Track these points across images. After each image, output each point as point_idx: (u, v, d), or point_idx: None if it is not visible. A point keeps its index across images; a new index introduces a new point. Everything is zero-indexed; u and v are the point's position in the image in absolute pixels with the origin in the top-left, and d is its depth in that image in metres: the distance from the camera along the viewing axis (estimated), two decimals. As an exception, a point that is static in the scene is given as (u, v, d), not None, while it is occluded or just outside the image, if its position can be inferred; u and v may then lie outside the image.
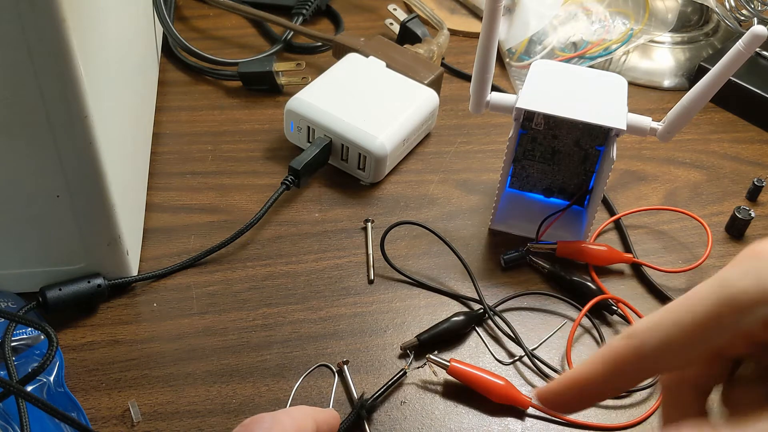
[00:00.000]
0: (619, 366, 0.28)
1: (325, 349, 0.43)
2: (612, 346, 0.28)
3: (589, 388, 0.29)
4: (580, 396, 0.30)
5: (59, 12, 0.31)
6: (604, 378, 0.29)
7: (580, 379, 0.29)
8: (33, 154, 0.37)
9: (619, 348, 0.28)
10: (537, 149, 0.49)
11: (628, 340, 0.28)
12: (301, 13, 0.67)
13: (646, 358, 0.28)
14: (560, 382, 0.30)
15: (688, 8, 0.67)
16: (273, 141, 0.56)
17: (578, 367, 0.30)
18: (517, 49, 0.65)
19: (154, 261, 0.47)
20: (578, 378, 0.30)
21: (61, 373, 0.40)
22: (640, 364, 0.28)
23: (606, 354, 0.29)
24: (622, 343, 0.28)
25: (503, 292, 0.47)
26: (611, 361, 0.29)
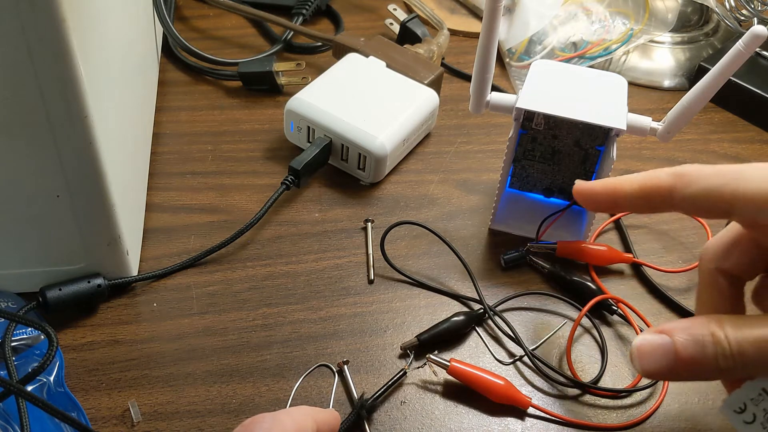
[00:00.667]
0: (652, 194, 0.33)
1: (325, 349, 0.43)
2: (657, 175, 0.33)
3: (620, 200, 0.34)
4: (610, 201, 0.35)
5: (59, 12, 0.31)
6: (635, 197, 0.33)
7: (616, 189, 0.34)
8: (33, 154, 0.37)
9: (661, 181, 0.33)
10: (537, 149, 0.49)
11: (672, 177, 0.32)
12: (301, 13, 0.67)
13: (677, 199, 0.32)
14: (600, 185, 0.35)
15: (688, 8, 0.67)
16: (273, 141, 0.56)
17: (620, 179, 0.34)
18: (517, 49, 0.65)
19: (154, 261, 0.47)
20: (616, 187, 0.34)
21: (61, 373, 0.40)
22: (670, 200, 0.32)
23: (647, 179, 0.33)
24: (664, 178, 0.33)
25: (503, 292, 0.47)
26: (648, 187, 0.33)
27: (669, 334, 0.30)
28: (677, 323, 0.31)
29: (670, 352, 0.30)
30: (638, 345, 0.31)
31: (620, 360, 0.44)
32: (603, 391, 0.42)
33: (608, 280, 0.48)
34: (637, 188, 0.34)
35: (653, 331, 0.31)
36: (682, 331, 0.30)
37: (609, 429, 0.41)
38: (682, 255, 0.50)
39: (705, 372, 0.30)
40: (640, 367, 0.31)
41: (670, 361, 0.30)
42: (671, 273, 0.48)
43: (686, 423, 0.41)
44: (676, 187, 0.32)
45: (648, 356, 0.31)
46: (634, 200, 0.34)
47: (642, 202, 0.34)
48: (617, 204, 0.35)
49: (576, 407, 0.42)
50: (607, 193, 0.35)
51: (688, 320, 0.31)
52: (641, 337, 0.31)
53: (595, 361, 0.44)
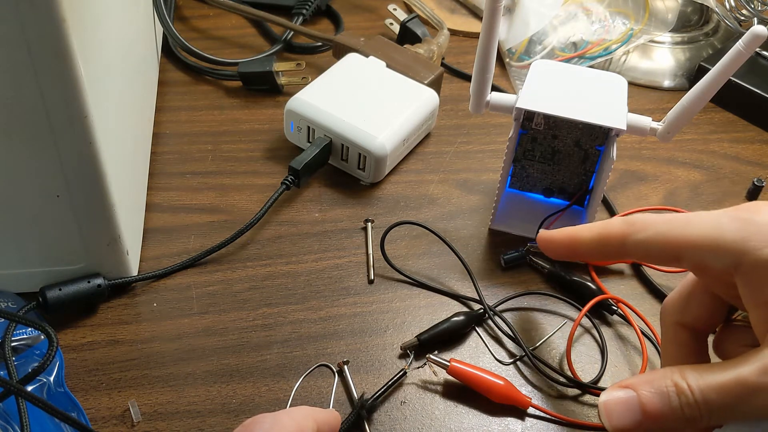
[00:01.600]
0: (606, 242, 0.34)
1: (325, 349, 0.43)
2: (609, 224, 0.35)
3: (578, 248, 0.36)
4: (569, 250, 0.37)
5: (59, 12, 0.31)
6: (591, 245, 0.35)
7: (574, 238, 0.36)
8: (33, 154, 0.37)
9: (612, 229, 0.34)
10: (537, 149, 0.49)
11: (622, 226, 0.34)
12: (301, 13, 0.67)
13: (628, 246, 0.33)
14: (560, 234, 0.37)
15: (688, 8, 0.67)
16: (273, 141, 0.56)
17: (577, 228, 0.36)
18: (517, 49, 0.65)
19: (154, 261, 0.47)
20: (573, 237, 0.36)
21: (61, 373, 0.40)
22: (623, 248, 0.34)
23: (601, 229, 0.35)
24: (616, 227, 0.34)
25: (503, 292, 0.47)
26: (601, 236, 0.35)
27: (633, 388, 0.31)
28: (640, 377, 0.31)
29: (635, 407, 0.30)
30: (604, 402, 0.31)
31: (620, 360, 0.44)
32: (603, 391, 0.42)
33: (608, 280, 0.48)
34: (593, 236, 0.35)
35: (617, 387, 0.31)
36: (646, 384, 0.30)
37: (609, 429, 0.41)
38: (682, 255, 0.50)
39: (673, 423, 0.30)
40: (608, 425, 0.31)
41: (637, 415, 0.30)
42: (671, 273, 0.48)
43: (686, 423, 0.41)
44: (627, 234, 0.33)
45: (615, 413, 0.31)
46: (591, 248, 0.35)
47: (598, 249, 0.35)
48: (576, 252, 0.36)
49: (576, 407, 0.42)
50: (567, 241, 0.37)
51: (650, 373, 0.31)
52: (606, 394, 0.31)
53: (595, 361, 0.44)
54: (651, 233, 0.33)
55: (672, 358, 0.36)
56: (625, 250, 0.34)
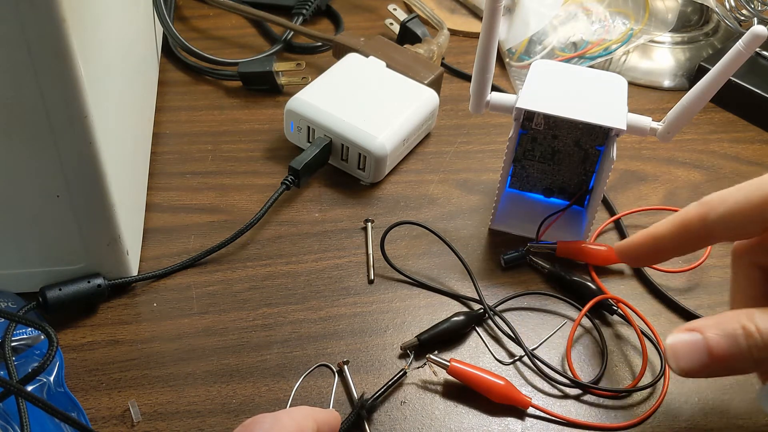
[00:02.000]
0: (687, 228, 0.33)
1: (325, 349, 0.43)
2: (685, 210, 0.34)
3: (661, 245, 0.35)
4: (653, 251, 0.35)
5: (59, 12, 0.31)
6: (673, 237, 0.34)
7: (655, 236, 0.35)
8: (33, 154, 0.37)
9: (689, 213, 0.34)
10: (537, 149, 0.49)
11: (699, 207, 0.34)
12: (301, 13, 0.67)
13: (710, 225, 0.32)
14: (638, 238, 0.36)
15: (688, 8, 0.67)
16: (273, 141, 0.56)
17: (654, 226, 0.35)
18: (517, 49, 0.65)
19: (154, 261, 0.47)
20: (653, 235, 0.35)
21: (61, 373, 0.40)
22: (705, 229, 0.33)
23: (678, 217, 0.34)
24: (692, 210, 0.34)
25: (503, 292, 0.47)
26: (681, 223, 0.34)
27: (700, 330, 0.30)
28: (706, 320, 0.31)
29: (702, 349, 0.30)
30: (671, 344, 0.31)
31: (620, 360, 0.44)
32: (603, 391, 0.42)
33: (608, 280, 0.48)
34: (673, 228, 0.34)
35: (683, 329, 0.31)
36: (713, 327, 0.30)
37: (609, 429, 0.41)
38: (682, 255, 0.50)
39: (740, 365, 0.30)
40: (677, 367, 0.31)
41: (705, 357, 0.30)
42: (671, 273, 0.48)
43: (686, 423, 0.41)
44: (706, 214, 0.32)
45: (683, 355, 0.31)
46: (675, 241, 0.34)
47: (681, 240, 0.34)
48: (660, 250, 0.35)
49: (576, 407, 0.42)
50: (649, 242, 0.35)
51: (717, 316, 0.31)
52: (673, 337, 0.31)
53: (595, 361, 0.44)
54: (729, 205, 0.32)
55: (742, 298, 0.36)
56: (708, 231, 0.33)
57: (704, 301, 0.47)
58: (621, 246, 0.37)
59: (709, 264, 0.49)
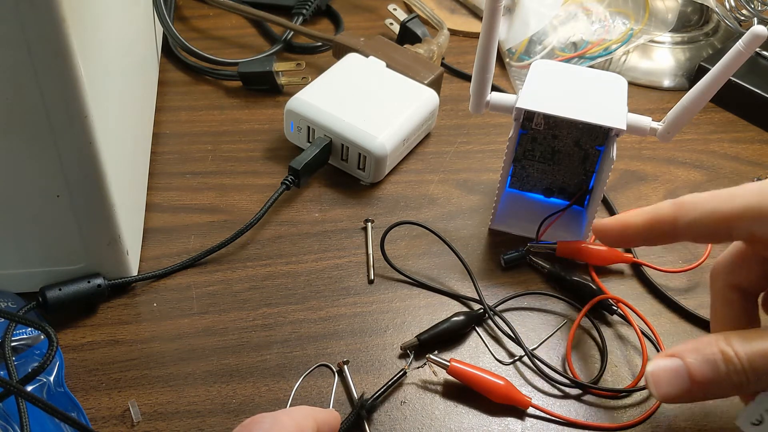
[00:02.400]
0: (657, 225, 0.35)
1: (325, 349, 0.43)
2: (658, 207, 0.35)
3: (631, 234, 0.36)
4: (622, 237, 0.37)
5: (59, 12, 0.31)
6: (643, 229, 0.35)
7: (626, 223, 0.36)
8: (33, 154, 0.37)
9: (662, 212, 0.35)
10: (537, 149, 0.49)
11: (672, 208, 0.35)
12: (301, 13, 0.67)
13: (679, 228, 0.34)
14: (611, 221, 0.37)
15: (688, 8, 0.67)
16: (273, 141, 0.56)
17: (627, 214, 0.37)
18: (517, 49, 0.65)
19: (154, 261, 0.47)
20: (624, 222, 0.36)
21: (61, 373, 0.40)
22: (674, 230, 0.34)
23: (650, 212, 0.35)
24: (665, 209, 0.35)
25: (503, 292, 0.47)
26: (652, 219, 0.35)
27: (680, 356, 0.31)
28: (685, 345, 0.31)
29: (683, 375, 0.31)
30: (652, 372, 0.32)
31: (620, 360, 0.44)
32: (603, 391, 0.42)
33: (608, 280, 0.48)
34: (644, 221, 0.36)
35: (664, 356, 0.32)
36: (692, 352, 0.31)
37: (609, 429, 0.41)
38: (682, 255, 0.50)
39: (720, 390, 0.30)
40: (657, 394, 0.32)
41: (685, 383, 0.31)
42: (671, 273, 0.48)
43: (686, 423, 0.41)
44: (677, 217, 0.34)
45: (664, 382, 0.31)
46: (643, 233, 0.36)
47: (649, 233, 0.35)
48: (627, 237, 0.37)
49: (576, 407, 0.42)
50: (619, 228, 0.37)
51: (695, 341, 0.31)
52: (653, 363, 0.32)
53: (595, 361, 0.44)
54: (699, 212, 0.33)
55: (722, 320, 0.36)
56: (676, 232, 0.34)
57: (704, 300, 0.47)
58: (597, 224, 0.38)
59: (709, 264, 0.49)
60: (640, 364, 0.44)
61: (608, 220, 0.37)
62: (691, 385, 0.30)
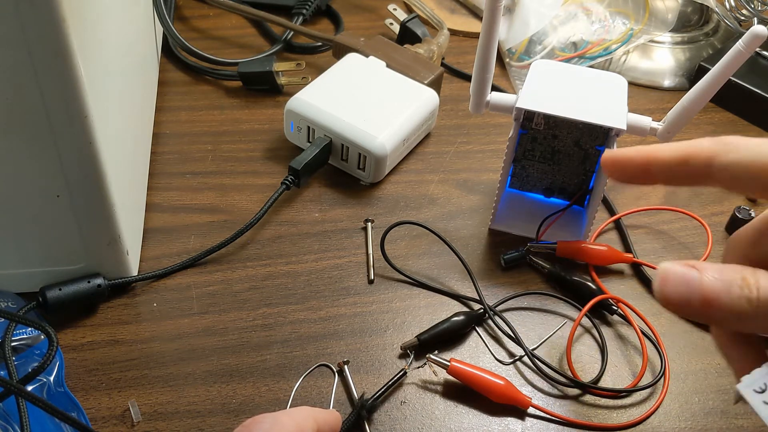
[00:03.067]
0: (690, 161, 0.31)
1: (325, 349, 0.43)
2: (696, 143, 0.31)
3: (655, 168, 0.32)
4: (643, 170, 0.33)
5: (59, 12, 0.31)
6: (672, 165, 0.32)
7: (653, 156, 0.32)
8: (33, 154, 0.37)
9: (700, 148, 0.31)
10: (537, 149, 0.49)
11: (711, 144, 0.31)
12: (301, 13, 0.67)
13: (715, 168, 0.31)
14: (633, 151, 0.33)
15: (688, 8, 0.67)
16: (273, 141, 0.56)
17: (655, 146, 0.33)
18: (517, 49, 0.65)
19: (154, 261, 0.47)
20: (651, 154, 0.32)
21: (61, 373, 0.40)
22: (707, 169, 0.31)
23: (685, 147, 0.32)
24: (704, 145, 0.31)
25: (503, 292, 0.47)
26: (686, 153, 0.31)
27: (699, 269, 0.29)
28: (710, 264, 0.29)
29: (695, 285, 0.29)
30: (664, 269, 0.29)
31: (620, 360, 0.44)
32: (603, 391, 0.42)
33: (608, 280, 0.48)
34: (676, 154, 0.32)
35: (684, 264, 0.29)
36: (714, 270, 0.29)
37: (609, 429, 0.41)
38: (682, 255, 0.50)
39: (722, 312, 0.28)
40: (660, 292, 0.29)
41: (693, 293, 0.29)
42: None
43: (686, 423, 0.41)
44: (717, 153, 0.31)
45: (671, 283, 0.29)
46: (671, 167, 0.32)
47: (679, 168, 0.32)
48: (650, 173, 0.33)
49: (576, 407, 0.42)
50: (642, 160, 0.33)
51: (721, 264, 0.29)
52: (670, 264, 0.29)
53: (595, 361, 0.44)
54: (743, 154, 0.30)
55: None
56: (711, 171, 0.31)
57: (704, 301, 0.47)
58: (610, 153, 0.34)
59: (709, 264, 0.49)
60: (640, 364, 0.44)
61: (627, 150, 0.34)
62: (698, 296, 0.29)
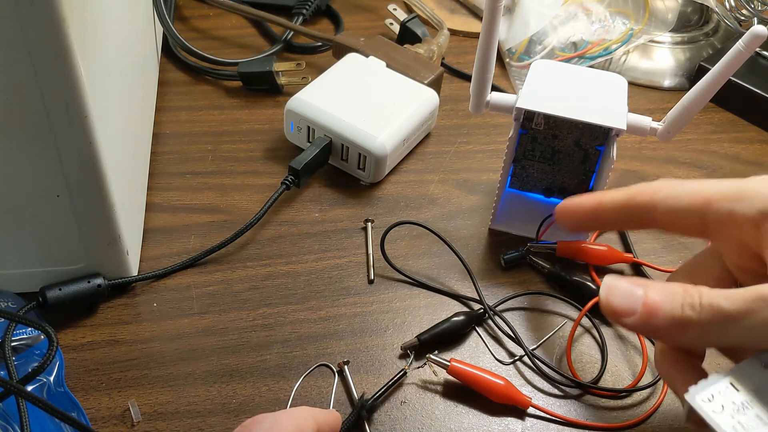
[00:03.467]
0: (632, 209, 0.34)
1: (325, 349, 0.43)
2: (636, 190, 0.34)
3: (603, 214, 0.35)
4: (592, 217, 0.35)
5: (59, 12, 0.31)
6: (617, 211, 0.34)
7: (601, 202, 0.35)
8: (33, 154, 0.37)
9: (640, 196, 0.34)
10: (537, 149, 0.49)
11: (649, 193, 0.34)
12: (301, 13, 0.67)
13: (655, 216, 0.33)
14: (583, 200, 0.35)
15: (688, 8, 0.67)
16: (273, 141, 0.56)
17: (601, 193, 0.35)
18: (517, 49, 0.65)
19: (154, 261, 0.47)
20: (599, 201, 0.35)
21: (61, 373, 0.40)
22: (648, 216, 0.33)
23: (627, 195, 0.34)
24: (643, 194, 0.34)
25: (503, 292, 0.47)
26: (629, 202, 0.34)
27: (644, 287, 0.30)
28: (653, 281, 0.31)
29: (638, 297, 0.30)
30: (609, 283, 0.31)
31: (620, 360, 0.44)
32: (603, 391, 0.42)
33: (608, 280, 0.48)
34: (619, 203, 0.34)
35: (627, 280, 0.31)
36: (657, 286, 0.30)
37: (609, 429, 0.41)
38: (682, 255, 0.50)
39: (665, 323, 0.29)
40: (606, 301, 0.31)
41: (636, 302, 0.30)
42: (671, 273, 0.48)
43: (686, 423, 0.41)
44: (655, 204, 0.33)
45: (617, 295, 0.30)
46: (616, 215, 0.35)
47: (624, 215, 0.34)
48: (599, 219, 0.35)
49: (576, 407, 0.42)
50: (591, 208, 0.36)
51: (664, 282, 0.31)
52: (616, 279, 0.31)
53: (595, 361, 0.44)
54: (675, 202, 0.32)
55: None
56: (653, 216, 0.33)
57: (704, 301, 0.47)
58: (564, 204, 0.36)
59: (709, 264, 0.49)
60: (640, 364, 0.44)
61: (578, 198, 0.36)
62: (641, 306, 0.30)
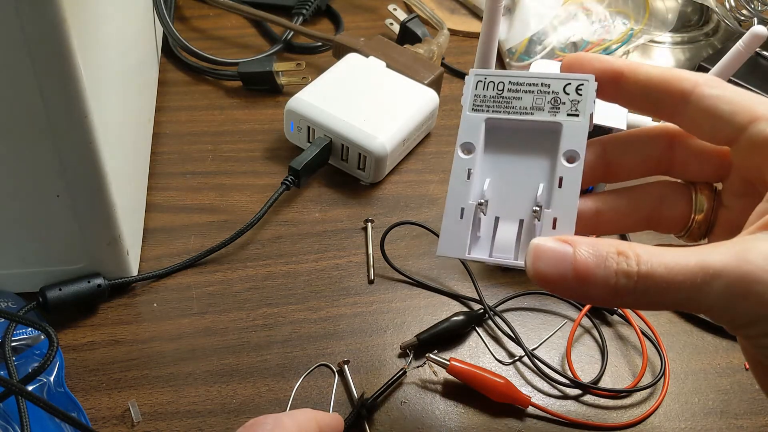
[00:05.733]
0: (667, 88, 0.30)
1: (325, 349, 0.43)
2: (682, 73, 0.31)
3: (628, 85, 0.31)
4: (612, 80, 0.32)
5: (59, 12, 0.31)
6: (650, 85, 0.31)
7: (636, 67, 0.31)
8: (33, 154, 0.37)
9: (687, 81, 0.31)
10: (537, 149, 0.49)
11: (696, 85, 0.31)
12: (301, 13, 0.67)
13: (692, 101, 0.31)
14: (613, 57, 0.32)
15: (688, 8, 0.67)
16: (273, 141, 0.56)
17: (637, 63, 0.32)
18: (517, 49, 0.65)
19: (154, 261, 0.47)
20: (632, 65, 0.31)
21: (62, 373, 0.40)
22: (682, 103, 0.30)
23: (671, 73, 0.31)
24: (690, 81, 0.31)
25: (503, 292, 0.47)
26: (669, 80, 0.31)
27: (572, 244, 0.27)
28: (584, 238, 0.28)
29: (567, 260, 0.27)
30: (536, 245, 0.27)
31: (620, 360, 0.44)
32: (603, 391, 0.42)
33: (608, 280, 0.48)
34: (658, 73, 0.31)
35: (557, 239, 0.27)
36: (587, 244, 0.27)
37: (609, 429, 0.41)
38: (682, 255, 0.50)
39: (597, 289, 0.27)
40: (532, 268, 0.27)
41: (566, 268, 0.27)
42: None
43: (686, 423, 0.41)
44: (698, 85, 0.30)
45: (544, 259, 0.27)
46: (647, 89, 0.31)
47: (653, 94, 0.31)
48: (621, 82, 0.32)
49: (576, 407, 0.42)
50: (619, 65, 0.32)
51: (595, 238, 0.28)
52: (542, 240, 0.28)
53: (595, 361, 0.44)
54: (728, 95, 0.31)
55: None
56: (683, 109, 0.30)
57: (704, 301, 0.47)
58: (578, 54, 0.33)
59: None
60: (640, 364, 0.44)
61: (605, 56, 0.32)
62: (571, 271, 0.27)
